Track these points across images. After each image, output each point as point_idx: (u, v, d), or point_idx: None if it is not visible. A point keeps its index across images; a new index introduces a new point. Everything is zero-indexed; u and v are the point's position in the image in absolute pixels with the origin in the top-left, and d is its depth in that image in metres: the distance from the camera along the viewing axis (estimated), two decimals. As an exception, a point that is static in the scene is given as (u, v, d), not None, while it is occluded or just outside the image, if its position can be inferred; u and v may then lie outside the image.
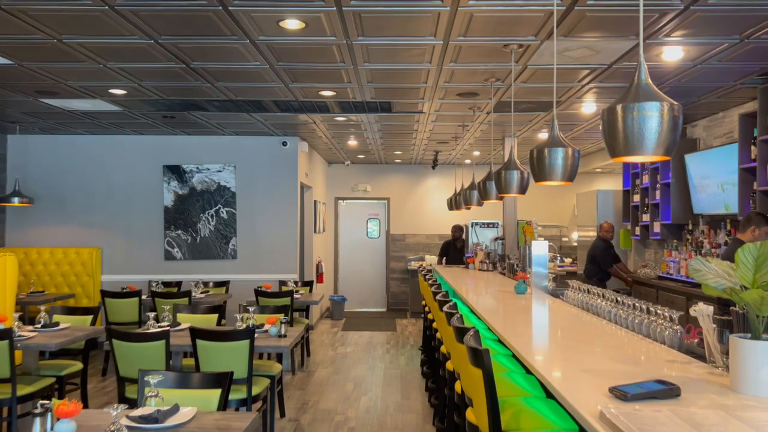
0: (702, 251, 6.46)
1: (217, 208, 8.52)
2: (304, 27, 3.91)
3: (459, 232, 9.72)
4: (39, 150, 8.45)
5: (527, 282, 5.21)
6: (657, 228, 7.53)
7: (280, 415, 5.27)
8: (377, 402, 5.77)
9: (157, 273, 8.38)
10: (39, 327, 4.82)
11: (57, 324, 4.98)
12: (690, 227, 6.98)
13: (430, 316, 6.04)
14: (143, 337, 4.21)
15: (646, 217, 7.84)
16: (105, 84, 5.47)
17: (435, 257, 11.06)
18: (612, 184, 11.08)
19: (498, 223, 8.97)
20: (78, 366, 5.09)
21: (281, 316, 4.83)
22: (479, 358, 2.27)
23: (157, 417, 2.52)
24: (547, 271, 5.11)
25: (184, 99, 6.11)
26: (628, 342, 3.05)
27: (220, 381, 2.96)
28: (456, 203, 8.35)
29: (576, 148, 3.11)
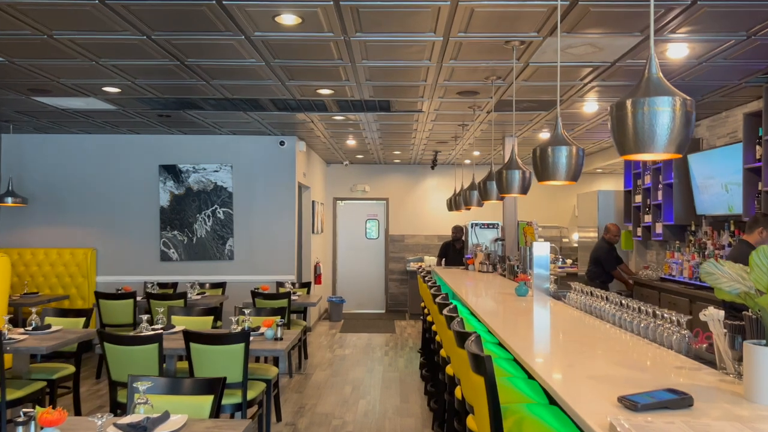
0: (705, 253, 6.36)
1: (214, 208, 8.41)
2: (300, 22, 3.81)
3: (459, 232, 9.63)
4: (33, 149, 8.35)
5: (528, 284, 5.12)
6: (659, 229, 7.44)
7: (276, 419, 5.16)
8: (376, 405, 5.68)
9: (153, 274, 8.27)
10: (30, 329, 4.72)
11: (49, 326, 4.88)
12: (693, 228, 6.89)
13: (429, 318, 5.95)
14: (135, 341, 4.11)
15: (647, 218, 7.75)
16: (98, 81, 5.37)
17: (434, 258, 10.96)
18: (612, 184, 10.99)
19: (498, 224, 8.88)
20: (70, 369, 4.98)
21: (277, 318, 4.73)
22: (481, 365, 2.17)
23: (146, 425, 2.42)
24: (549, 273, 5.01)
25: (179, 97, 6.01)
26: (633, 346, 2.95)
27: (212, 387, 2.86)
28: (456, 204, 8.25)
29: (581, 146, 3.01)
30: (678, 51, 4.37)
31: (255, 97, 5.97)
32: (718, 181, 6.17)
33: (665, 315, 3.00)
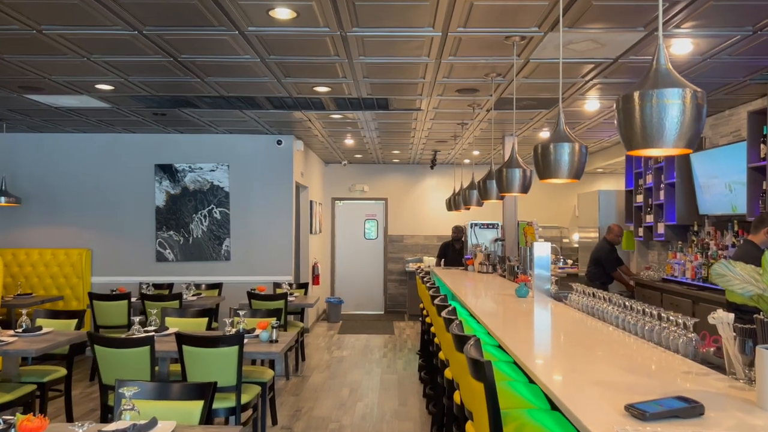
0: (708, 253, 6.26)
1: (210, 208, 8.31)
2: (295, 17, 3.71)
3: (459, 233, 9.52)
4: (27, 148, 8.24)
5: (529, 285, 5.02)
6: (661, 229, 7.34)
7: (272, 423, 5.06)
8: (373, 408, 5.58)
9: (149, 275, 8.17)
10: (20, 331, 4.62)
11: (39, 328, 4.78)
12: (695, 228, 6.79)
13: (428, 320, 5.85)
14: (126, 343, 4.02)
15: (649, 218, 7.65)
16: (91, 79, 5.27)
17: (433, 258, 10.86)
18: (613, 184, 10.88)
19: (498, 224, 8.78)
20: (62, 372, 4.89)
21: (272, 320, 4.63)
22: (481, 370, 2.07)
23: (131, 433, 2.32)
24: (550, 274, 4.92)
25: (173, 95, 5.91)
26: (638, 350, 2.86)
27: (202, 392, 2.76)
28: (455, 203, 8.15)
29: (583, 143, 2.92)
30: (682, 47, 4.27)
31: (251, 95, 5.87)
32: (721, 181, 6.07)
33: (671, 317, 2.90)
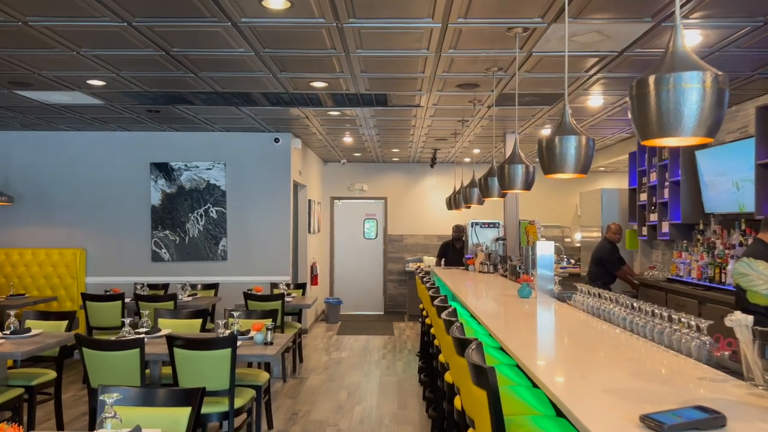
0: (715, 252, 6.12)
1: (207, 207, 8.18)
2: (289, 7, 3.57)
3: (459, 232, 9.38)
4: (20, 147, 8.11)
5: (531, 285, 4.88)
6: (665, 228, 7.20)
7: (267, 427, 4.93)
8: (372, 412, 5.44)
9: (144, 275, 8.03)
10: (8, 333, 4.49)
11: (28, 330, 4.64)
12: (701, 227, 6.65)
13: (428, 321, 5.71)
14: (115, 346, 3.88)
15: (653, 217, 7.51)
16: (81, 74, 5.14)
17: (433, 258, 10.71)
18: (615, 183, 10.74)
19: (499, 223, 8.63)
20: (51, 375, 4.75)
21: (267, 322, 4.49)
22: (483, 377, 1.93)
23: (112, 443, 2.18)
24: (553, 274, 4.78)
25: (167, 91, 5.78)
26: (648, 354, 2.72)
27: (189, 398, 2.62)
28: (455, 202, 8.01)
29: (590, 136, 2.78)
30: (690, 39, 4.14)
31: (246, 91, 5.74)
32: (728, 178, 5.93)
33: (682, 319, 2.76)
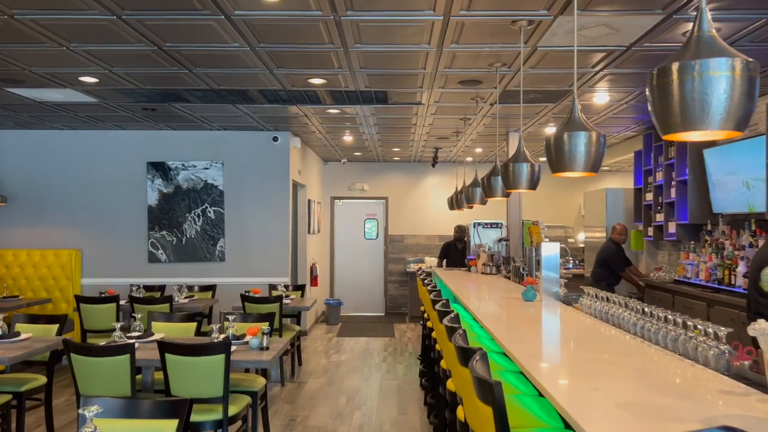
0: (723, 254, 5.96)
1: (204, 207, 8.03)
2: (284, -2, 3.43)
3: (461, 232, 9.22)
4: (14, 146, 7.97)
5: (536, 288, 4.72)
6: (672, 228, 7.04)
7: (264, 434, 4.78)
8: (372, 417, 5.29)
9: (141, 276, 7.88)
10: (-5, 337, 4.35)
11: (18, 334, 4.50)
12: (709, 228, 6.49)
13: (429, 324, 5.56)
14: (104, 351, 3.73)
15: (659, 217, 7.36)
16: (73, 70, 4.99)
17: (435, 259, 10.56)
18: (619, 182, 10.57)
19: (502, 224, 8.48)
20: (41, 380, 4.61)
21: (263, 326, 4.35)
22: (489, 392, 1.78)
23: (90, 461, 2.04)
24: (559, 276, 4.62)
25: (162, 88, 5.63)
26: (663, 364, 2.57)
27: (177, 410, 2.47)
28: (457, 202, 7.86)
29: (601, 132, 2.62)
30: (701, 32, 3.98)
31: (243, 88, 5.59)
32: (738, 178, 5.77)
33: (698, 326, 2.61)
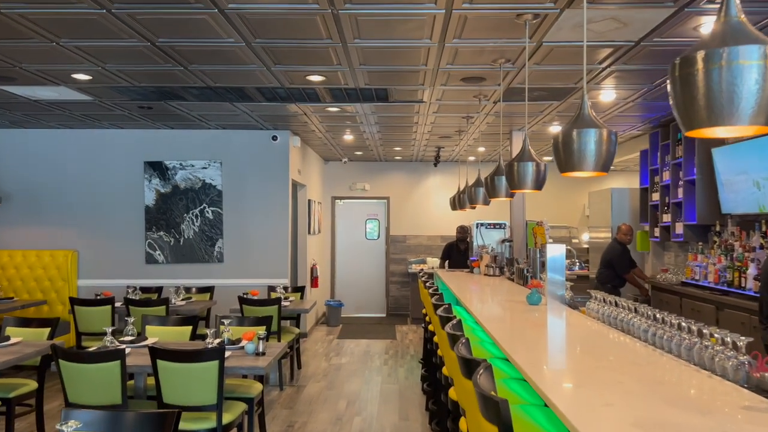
0: (733, 255, 5.81)
1: (202, 207, 7.90)
2: (279, -10, 3.29)
3: (464, 233, 9.07)
4: (9, 145, 7.84)
5: (541, 291, 4.58)
6: (679, 229, 6.89)
7: (260, 441, 4.64)
8: (372, 423, 5.15)
9: (138, 277, 7.76)
10: (-16, 342, 4.22)
11: (8, 338, 4.38)
12: (717, 229, 6.34)
13: (431, 327, 5.42)
14: (94, 357, 3.61)
15: (666, 218, 7.20)
16: (65, 67, 4.86)
17: (437, 260, 10.41)
18: (625, 182, 10.42)
19: (505, 224, 8.33)
20: (31, 385, 4.48)
21: (260, 330, 4.22)
22: (494, 410, 1.64)
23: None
24: (565, 279, 4.48)
25: (157, 86, 5.50)
26: (678, 374, 2.42)
27: (162, 423, 2.34)
28: (460, 202, 7.71)
29: (612, 129, 2.48)
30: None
31: (240, 86, 5.45)
32: (748, 177, 5.61)
33: (715, 334, 2.46)
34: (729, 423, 1.79)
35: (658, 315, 3.00)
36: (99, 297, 6.39)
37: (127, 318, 4.63)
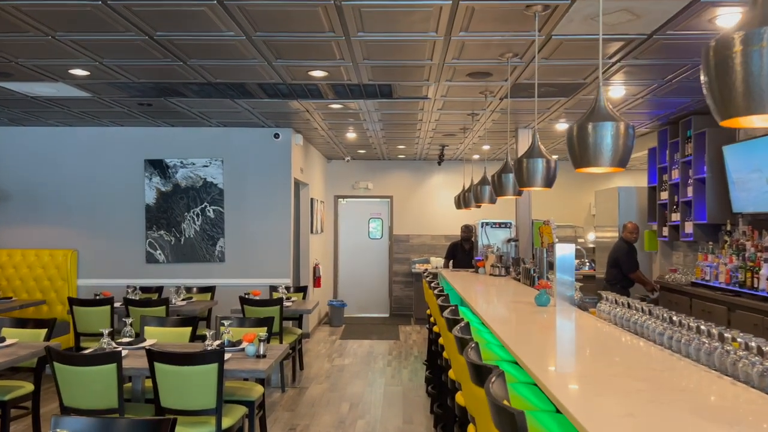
0: (745, 255, 5.68)
1: (203, 206, 7.79)
2: (280, -20, 3.18)
3: (468, 232, 8.95)
4: (8, 142, 7.74)
5: (550, 292, 4.46)
6: (689, 228, 6.76)
7: (261, 445, 4.53)
8: (375, 427, 5.04)
9: (138, 277, 7.65)
10: (-22, 344, 4.12)
11: (2, 340, 4.27)
12: (728, 228, 6.20)
13: (435, 329, 5.30)
14: (89, 360, 3.49)
15: (675, 217, 7.07)
16: (62, 62, 4.75)
17: (441, 259, 10.29)
18: (631, 180, 10.27)
19: (511, 223, 8.20)
20: (28, 388, 4.38)
21: (261, 332, 4.10)
22: (509, 422, 1.52)
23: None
24: (574, 279, 4.36)
25: (157, 82, 5.39)
26: (699, 381, 2.30)
27: (157, 430, 2.23)
28: (465, 201, 7.59)
29: (630, 123, 2.35)
30: (731, 20, 3.71)
31: (241, 81, 5.34)
32: (762, 175, 5.47)
33: (738, 338, 2.34)
34: (761, 435, 1.67)
35: (674, 318, 2.88)
36: (98, 297, 6.29)
37: (125, 319, 4.53)
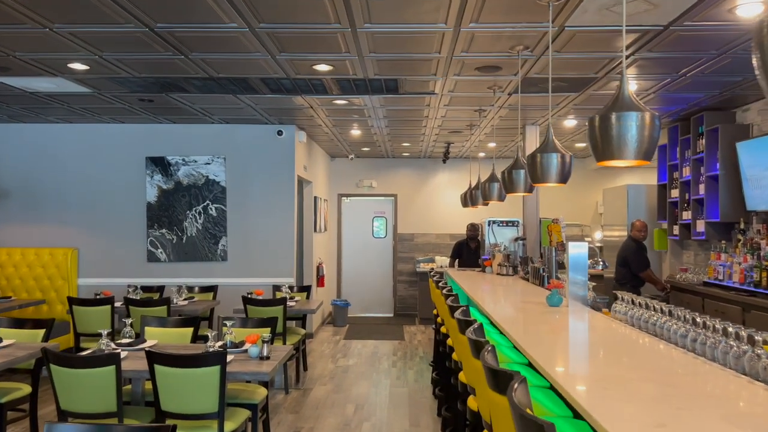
0: (760, 254, 5.55)
1: (206, 204, 7.68)
2: (285, -33, 3.05)
3: (474, 230, 8.81)
4: (7, 140, 7.64)
5: (562, 292, 4.33)
6: (701, 227, 6.62)
7: (265, 449, 4.41)
8: (381, 429, 4.92)
9: (139, 276, 7.54)
10: (-26, 344, 4.00)
11: (0, 340, 4.16)
12: (741, 226, 6.06)
13: (443, 329, 5.17)
14: (87, 362, 3.37)
15: (686, 215, 6.93)
16: (61, 56, 4.64)
17: (446, 259, 10.16)
18: (640, 178, 10.11)
19: (518, 222, 8.07)
20: (25, 390, 4.27)
21: (264, 333, 3.98)
22: (538, 435, 1.40)
23: None
24: (587, 279, 4.23)
25: (158, 77, 5.27)
26: (727, 386, 2.17)
27: (156, 439, 2.11)
28: (472, 198, 7.45)
29: (655, 113, 2.22)
30: (751, 9, 3.57)
31: (243, 76, 5.22)
32: (778, 172, 5.34)
33: (770, 342, 2.21)
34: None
35: (698, 319, 2.75)
36: (98, 296, 6.18)
37: (125, 319, 4.41)
